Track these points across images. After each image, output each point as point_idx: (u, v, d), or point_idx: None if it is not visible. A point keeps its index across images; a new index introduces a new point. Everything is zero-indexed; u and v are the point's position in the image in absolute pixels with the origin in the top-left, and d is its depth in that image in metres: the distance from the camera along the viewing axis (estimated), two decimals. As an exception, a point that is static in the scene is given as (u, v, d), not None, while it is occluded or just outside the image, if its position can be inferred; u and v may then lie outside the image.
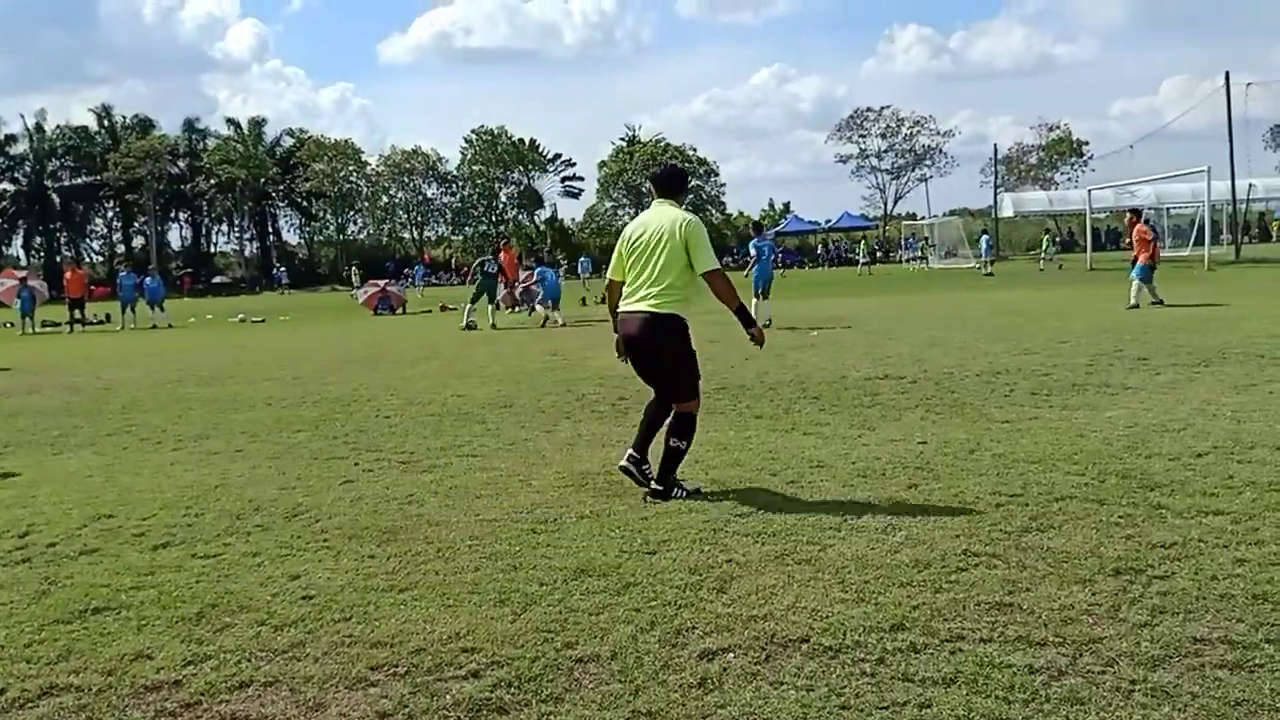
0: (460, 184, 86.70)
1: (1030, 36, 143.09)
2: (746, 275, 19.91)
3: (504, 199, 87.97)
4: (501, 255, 27.00)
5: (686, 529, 5.60)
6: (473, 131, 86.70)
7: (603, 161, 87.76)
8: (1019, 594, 4.38)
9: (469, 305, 23.94)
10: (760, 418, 9.13)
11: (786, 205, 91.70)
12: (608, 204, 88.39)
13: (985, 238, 47.17)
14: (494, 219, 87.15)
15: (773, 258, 20.23)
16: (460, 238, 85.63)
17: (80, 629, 4.52)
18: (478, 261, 25.44)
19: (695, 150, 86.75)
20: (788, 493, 6.34)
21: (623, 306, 6.55)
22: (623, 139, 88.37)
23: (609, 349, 7.52)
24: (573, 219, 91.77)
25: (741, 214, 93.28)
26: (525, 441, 8.57)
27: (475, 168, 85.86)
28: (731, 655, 3.88)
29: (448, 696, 3.65)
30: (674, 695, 3.56)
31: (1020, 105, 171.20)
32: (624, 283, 6.64)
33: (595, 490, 6.66)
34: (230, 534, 6.01)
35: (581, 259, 46.17)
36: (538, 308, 24.40)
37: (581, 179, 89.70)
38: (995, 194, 71.28)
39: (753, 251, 20.72)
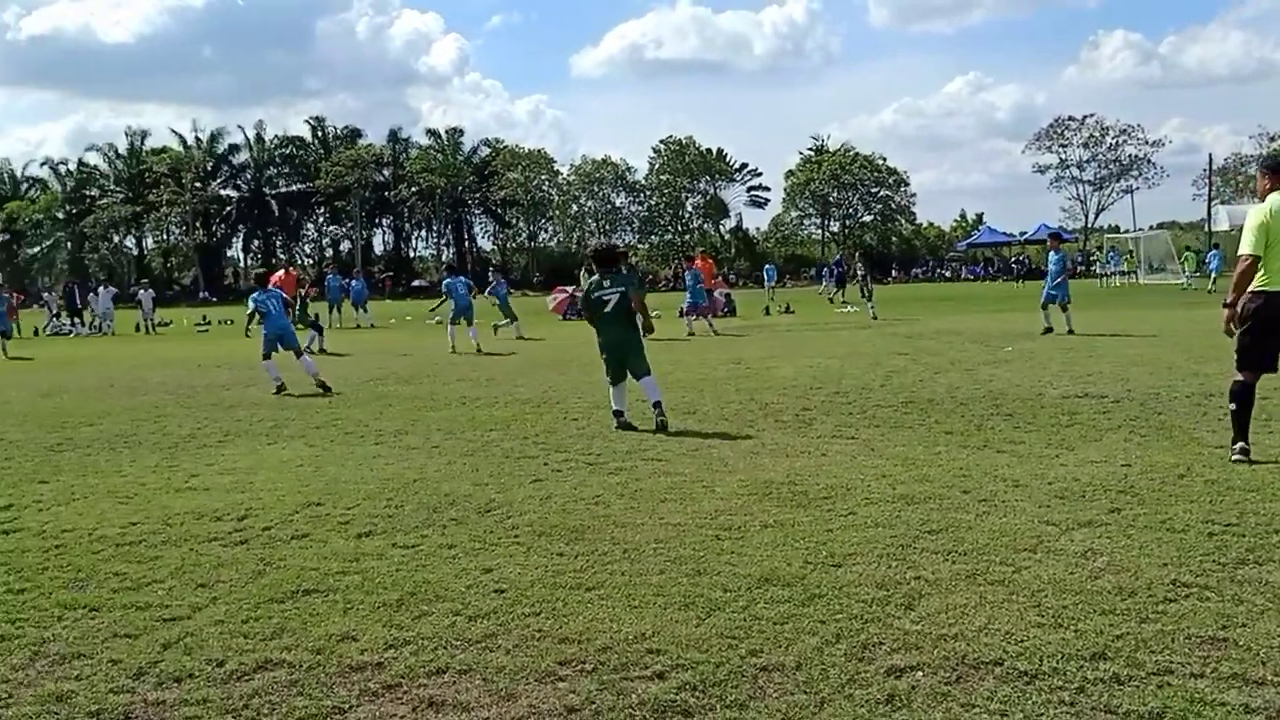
0: (648, 193, 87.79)
1: (1249, 41, 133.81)
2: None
3: (690, 208, 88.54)
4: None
5: (873, 543, 5.51)
6: (661, 141, 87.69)
7: (790, 171, 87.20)
8: (1234, 629, 4.11)
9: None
10: (950, 434, 8.88)
11: (979, 216, 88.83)
12: (794, 213, 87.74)
13: (1215, 253, 43.25)
14: (680, 228, 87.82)
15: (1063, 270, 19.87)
16: (646, 246, 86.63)
17: (292, 609, 4.81)
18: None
19: (885, 160, 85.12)
20: (979, 511, 6.15)
21: (1268, 286, 6.90)
22: (810, 149, 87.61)
23: (793, 358, 7.45)
24: (757, 228, 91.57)
25: (931, 224, 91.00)
26: (709, 448, 8.60)
27: (663, 177, 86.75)
28: (920, 674, 3.80)
29: (633, 695, 3.70)
30: (860, 710, 3.52)
31: (1237, 113, 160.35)
32: (1259, 259, 6.89)
33: (779, 500, 6.62)
34: (428, 526, 6.27)
35: (767, 267, 45.81)
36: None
37: (768, 189, 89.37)
38: (1209, 206, 67.02)
39: (1053, 265, 20.24)
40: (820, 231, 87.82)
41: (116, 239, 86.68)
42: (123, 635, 4.51)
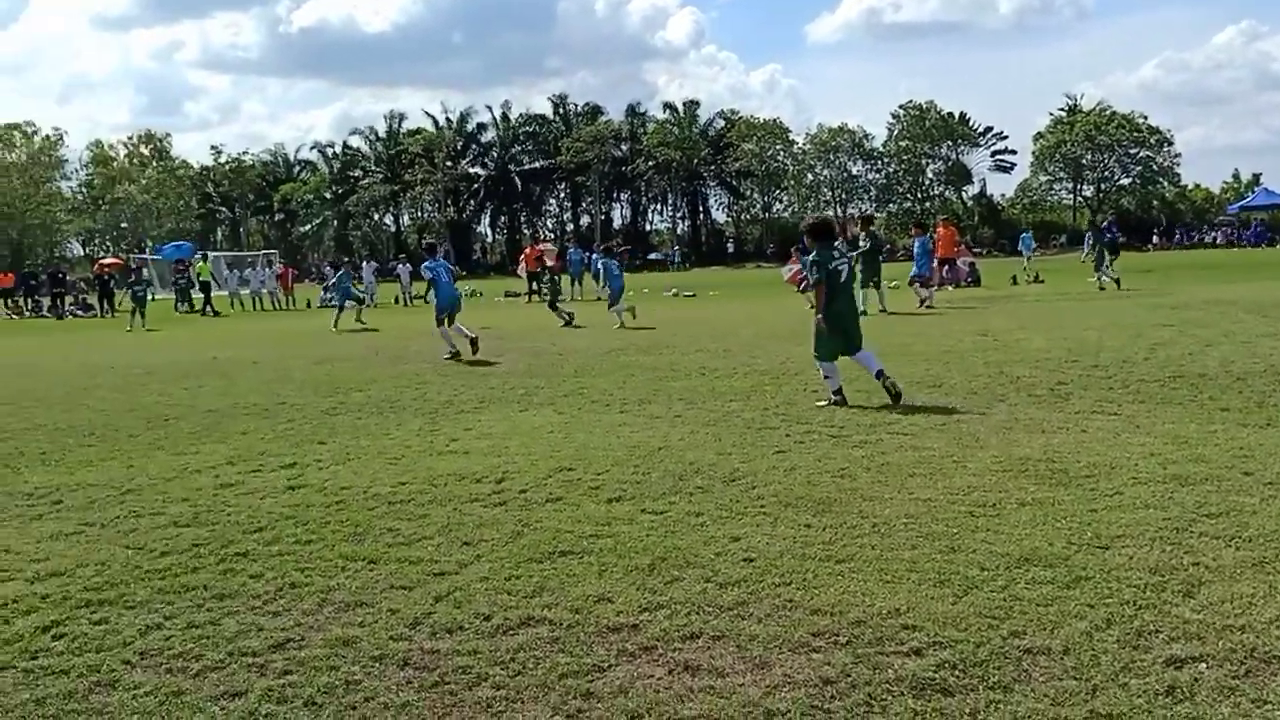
0: (885, 160, 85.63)
1: None
2: None
3: (930, 175, 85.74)
4: (939, 230, 26.40)
5: (1144, 525, 5.18)
6: (900, 107, 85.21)
7: (1038, 133, 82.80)
8: None
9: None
10: (1227, 410, 8.23)
11: (1256, 177, 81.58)
12: (1043, 178, 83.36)
13: None
14: (919, 195, 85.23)
15: None
16: (884, 214, 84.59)
17: (550, 569, 5.00)
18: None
19: (1145, 118, 79.39)
20: (1265, 494, 5.67)
21: None
22: (1061, 109, 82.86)
23: (1044, 330, 7.09)
24: (1002, 195, 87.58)
25: (1198, 186, 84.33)
26: (957, 422, 8.33)
27: (902, 144, 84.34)
28: (1204, 666, 3.55)
29: (890, 671, 3.65)
30: (1137, 700, 3.32)
31: None
32: None
33: (1037, 477, 6.34)
34: (674, 493, 6.38)
35: (1024, 235, 43.23)
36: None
37: (1014, 152, 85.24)
38: None
39: None
40: (1071, 196, 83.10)
41: (376, 216, 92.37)
42: (398, 587, 4.83)
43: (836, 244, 10.10)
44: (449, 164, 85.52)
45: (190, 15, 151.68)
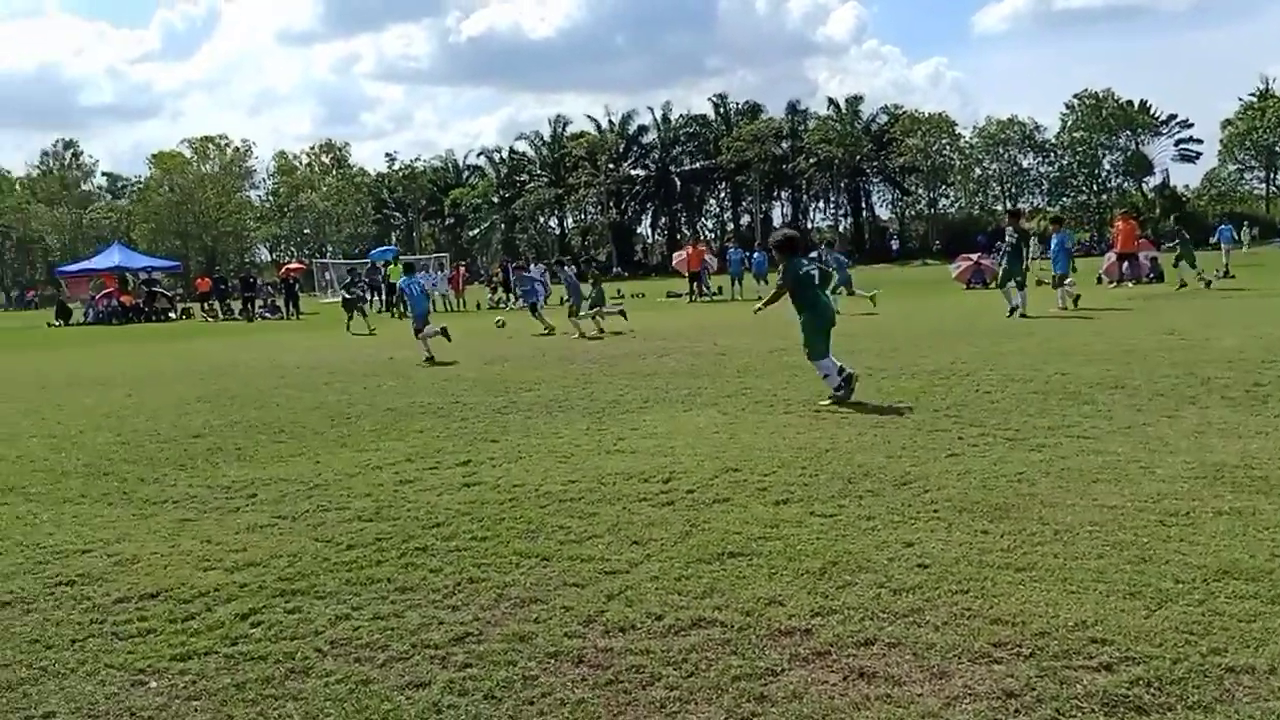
0: (1059, 152, 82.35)
1: None
2: None
3: (1107, 166, 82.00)
4: (1118, 224, 25.16)
5: (1357, 539, 4.83)
6: (1074, 96, 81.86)
7: (1227, 120, 78.22)
8: None
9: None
10: None
11: None
12: (1231, 167, 78.66)
13: None
14: (1095, 188, 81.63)
15: None
16: (1057, 208, 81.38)
17: (720, 570, 5.00)
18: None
19: (1357, 99, 73.92)
20: None
21: None
22: (1252, 94, 77.92)
23: (1237, 328, 6.68)
24: (1186, 185, 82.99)
25: None
26: (1143, 426, 7.93)
27: (1076, 134, 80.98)
28: None
29: (1078, 686, 3.50)
30: (1355, 727, 3.10)
31: None
32: None
33: (1234, 485, 5.98)
34: (843, 496, 6.29)
35: (1222, 228, 40.39)
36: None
37: (1199, 141, 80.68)
38: None
39: None
40: (1265, 186, 78.09)
41: (542, 219, 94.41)
42: (571, 584, 4.92)
43: (810, 255, 10.80)
44: (611, 166, 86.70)
45: (367, 29, 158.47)
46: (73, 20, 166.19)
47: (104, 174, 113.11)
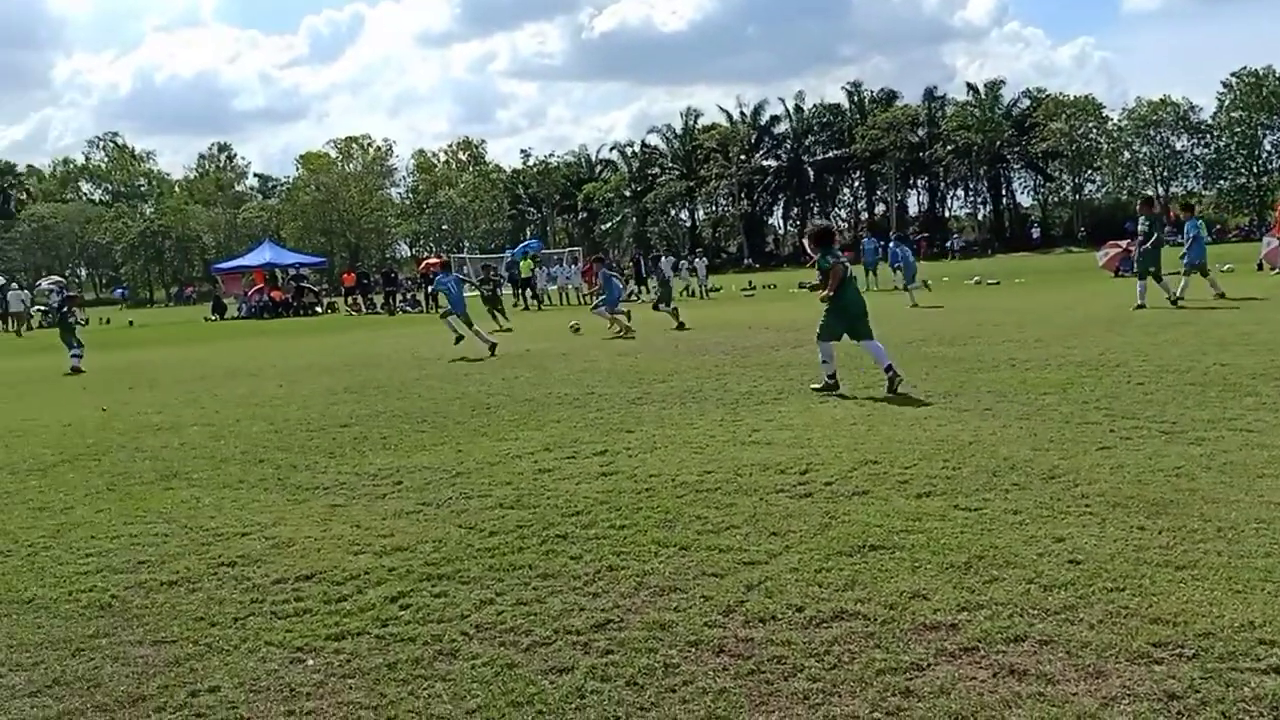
0: (1215, 134, 78.32)
1: None
2: None
3: (1268, 147, 77.61)
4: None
5: None
6: (1232, 75, 77.63)
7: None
8: None
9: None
10: None
11: None
12: None
13: None
14: (1255, 170, 77.35)
15: None
16: (1214, 191, 77.52)
17: (860, 563, 4.93)
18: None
19: None
20: None
21: None
22: None
23: None
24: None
25: None
26: (1313, 419, 7.49)
27: (1234, 114, 76.83)
28: None
29: (1246, 689, 3.33)
30: None
31: None
32: None
33: None
34: (988, 490, 6.12)
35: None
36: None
37: (1375, 118, 75.56)
38: None
39: None
40: None
41: (673, 212, 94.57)
42: (710, 574, 4.91)
43: (835, 247, 11.40)
44: (743, 158, 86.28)
45: (502, 28, 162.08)
46: (228, 29, 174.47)
47: (255, 175, 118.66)
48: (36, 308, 46.65)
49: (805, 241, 12.76)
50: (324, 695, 3.86)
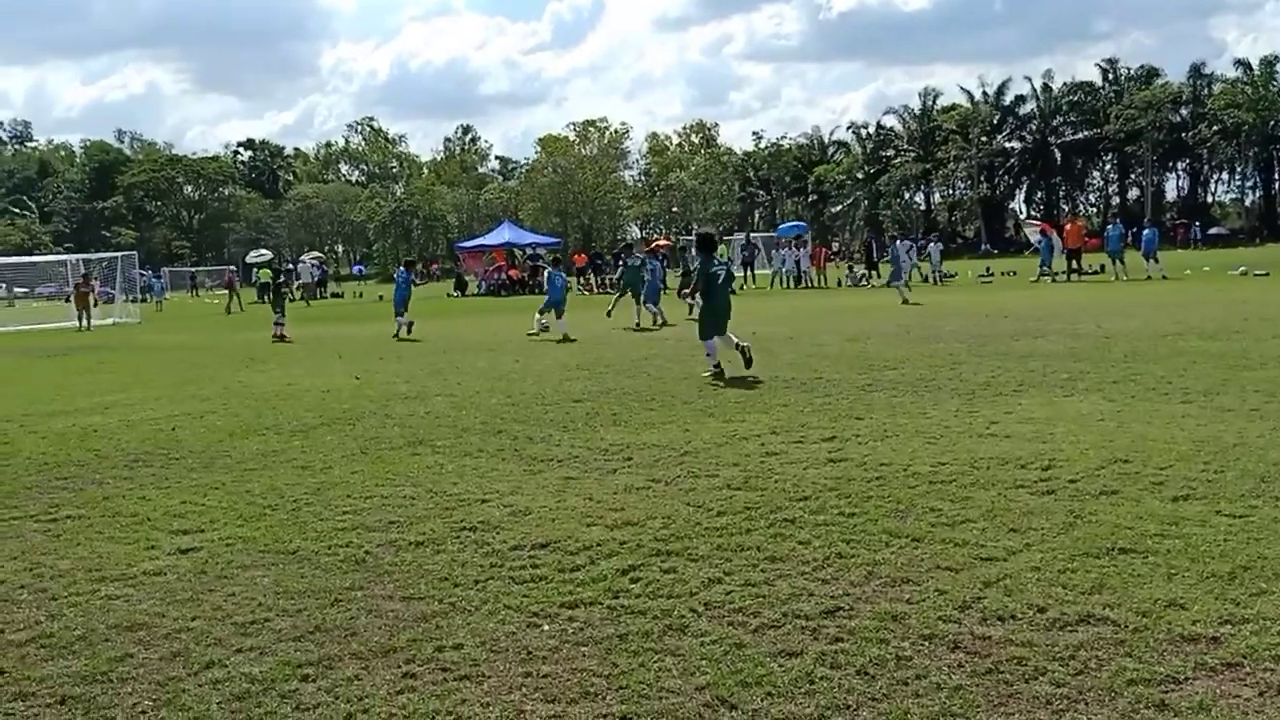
0: None
1: None
2: None
3: None
4: None
5: None
6: None
7: None
8: None
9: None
10: None
11: None
12: None
13: None
14: None
15: None
16: None
17: (1109, 565, 4.66)
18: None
19: None
20: None
21: None
22: None
23: None
24: None
25: None
26: None
27: None
28: None
29: None
30: None
31: None
32: None
33: None
34: (1255, 496, 5.66)
35: None
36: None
37: None
38: None
39: None
40: None
41: (907, 195, 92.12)
42: (944, 568, 4.77)
43: (716, 254, 13.10)
44: (984, 139, 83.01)
45: (739, 10, 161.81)
46: (477, 16, 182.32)
47: (497, 157, 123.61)
48: (298, 281, 50.48)
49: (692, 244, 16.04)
50: (559, 660, 3.99)
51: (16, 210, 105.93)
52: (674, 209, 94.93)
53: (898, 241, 30.11)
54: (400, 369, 14.75)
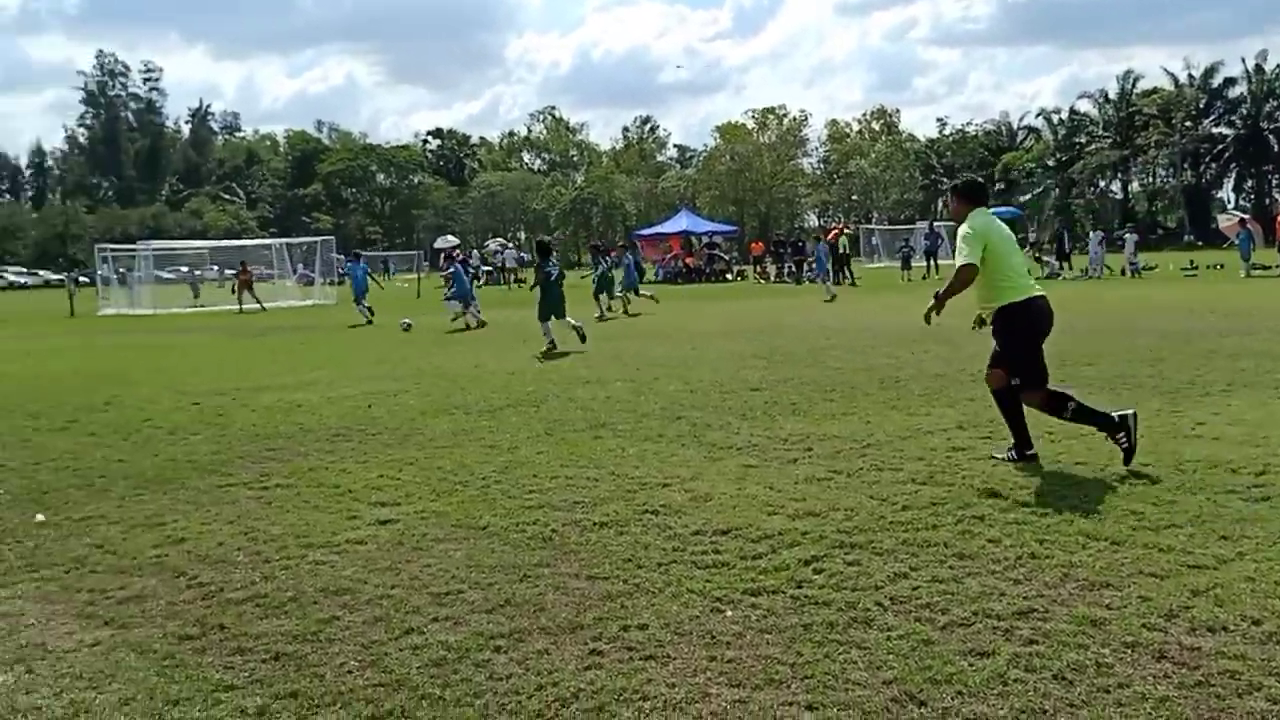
0: None
1: None
2: None
3: None
4: None
5: None
6: None
7: None
8: None
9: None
10: None
11: None
12: None
13: None
14: None
15: None
16: None
17: (1330, 580, 4.35)
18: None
19: None
20: None
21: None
22: None
23: None
24: None
25: None
26: None
27: None
28: None
29: None
30: None
31: None
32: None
33: None
34: None
35: None
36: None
37: None
38: None
39: None
40: None
41: (1102, 184, 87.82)
42: (1147, 574, 4.54)
43: (551, 258, 16.80)
44: (1188, 124, 78.23)
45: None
46: (658, 5, 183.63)
47: (675, 146, 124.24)
48: (485, 267, 52.08)
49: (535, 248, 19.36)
50: (743, 646, 4.00)
51: (226, 197, 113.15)
52: (853, 197, 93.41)
53: (1091, 233, 28.77)
54: (579, 355, 15.03)
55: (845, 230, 44.25)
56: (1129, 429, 6.48)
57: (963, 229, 6.81)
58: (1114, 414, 6.62)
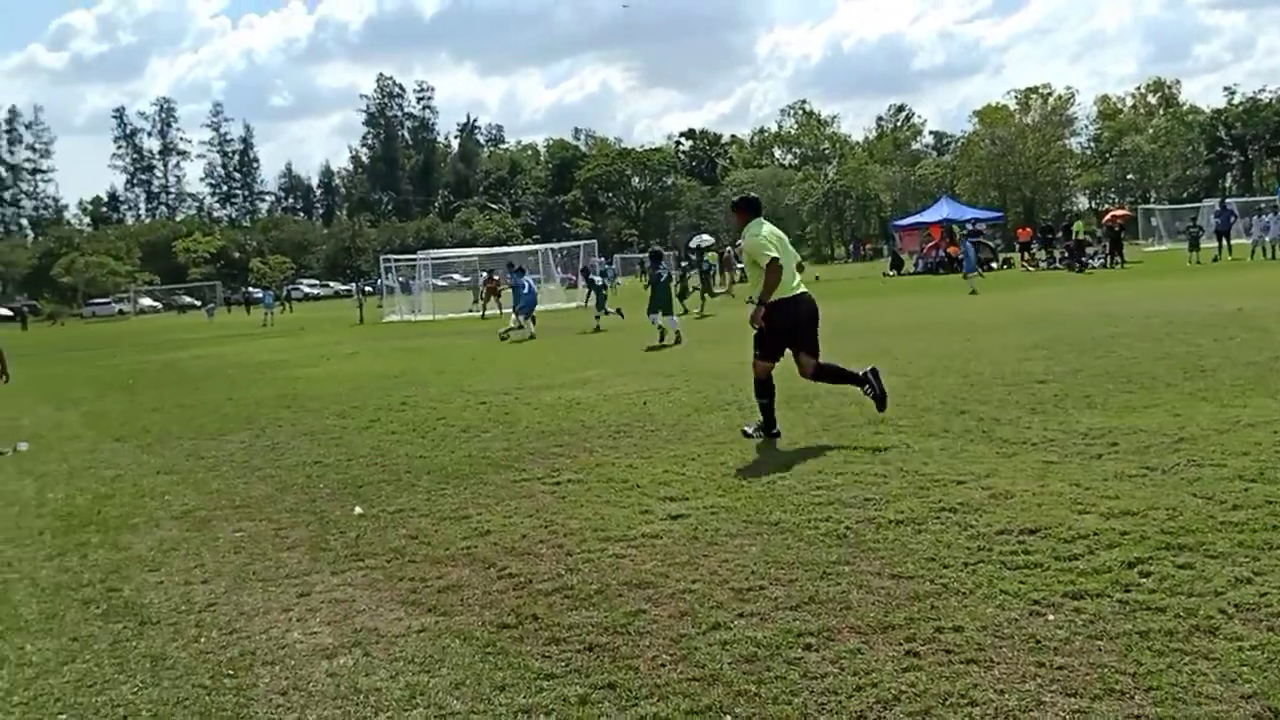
0: None
1: None
2: None
3: None
4: None
5: None
6: None
7: None
8: None
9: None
10: None
11: None
12: None
13: None
14: None
15: None
16: None
17: None
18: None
19: None
20: None
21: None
22: None
23: None
24: None
25: None
26: None
27: None
28: None
29: None
30: None
31: None
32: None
33: None
34: None
35: None
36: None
37: None
38: None
39: None
40: None
41: None
42: None
43: (663, 263, 20.80)
44: None
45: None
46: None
47: (930, 132, 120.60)
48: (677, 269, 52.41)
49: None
50: (1072, 652, 3.76)
51: (493, 206, 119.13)
52: (1128, 176, 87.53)
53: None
54: (841, 347, 14.76)
55: (1125, 214, 41.48)
56: None
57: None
58: None
